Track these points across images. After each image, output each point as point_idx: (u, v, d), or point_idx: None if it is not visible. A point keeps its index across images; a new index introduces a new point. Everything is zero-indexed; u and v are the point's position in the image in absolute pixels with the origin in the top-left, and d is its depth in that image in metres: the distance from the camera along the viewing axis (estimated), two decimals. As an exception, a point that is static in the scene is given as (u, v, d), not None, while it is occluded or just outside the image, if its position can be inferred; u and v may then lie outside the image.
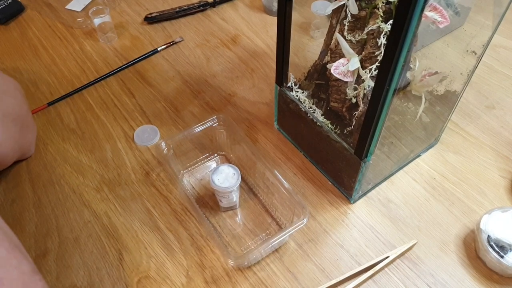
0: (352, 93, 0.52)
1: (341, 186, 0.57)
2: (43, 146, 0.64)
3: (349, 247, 0.53)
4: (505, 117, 0.67)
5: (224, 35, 0.81)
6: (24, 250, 0.41)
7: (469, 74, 0.54)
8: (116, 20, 0.84)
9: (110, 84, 0.72)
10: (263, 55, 0.77)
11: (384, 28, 0.46)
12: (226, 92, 0.71)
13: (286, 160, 0.62)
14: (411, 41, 0.36)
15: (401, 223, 0.55)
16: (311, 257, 0.52)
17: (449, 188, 0.58)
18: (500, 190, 0.58)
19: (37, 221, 0.56)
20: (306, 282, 0.50)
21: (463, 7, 0.51)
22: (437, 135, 0.62)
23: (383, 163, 0.58)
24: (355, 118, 0.53)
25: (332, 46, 0.54)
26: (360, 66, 0.49)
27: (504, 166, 0.61)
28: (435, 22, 0.46)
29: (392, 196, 0.58)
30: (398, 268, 0.51)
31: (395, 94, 0.40)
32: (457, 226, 0.55)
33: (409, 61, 0.51)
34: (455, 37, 0.52)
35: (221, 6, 0.87)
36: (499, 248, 0.49)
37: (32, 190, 0.59)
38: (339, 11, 0.51)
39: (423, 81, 0.54)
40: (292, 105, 0.58)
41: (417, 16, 0.33)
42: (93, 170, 0.61)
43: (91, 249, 0.53)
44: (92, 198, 0.58)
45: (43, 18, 0.85)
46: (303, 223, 0.48)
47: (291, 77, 0.57)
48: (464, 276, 0.50)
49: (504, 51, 0.77)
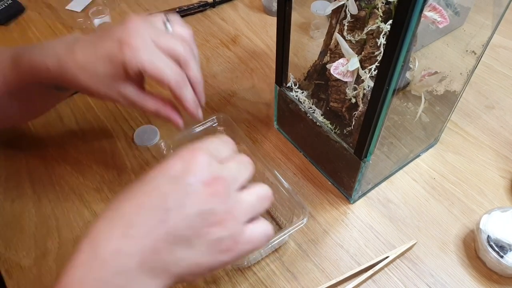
0: (352, 93, 0.52)
1: (341, 186, 0.57)
2: (43, 146, 0.64)
3: (349, 247, 0.53)
4: (505, 117, 0.67)
5: (224, 35, 0.81)
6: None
7: (468, 74, 0.54)
8: (116, 20, 0.84)
9: (110, 84, 0.72)
10: (263, 55, 0.77)
11: (384, 28, 0.46)
12: (226, 92, 0.71)
13: (286, 160, 0.62)
14: (411, 41, 0.36)
15: (401, 223, 0.55)
16: (310, 257, 0.52)
17: (448, 188, 0.58)
18: (500, 190, 0.58)
19: (37, 221, 0.56)
20: (306, 282, 0.50)
21: (462, 7, 0.51)
22: (437, 135, 0.62)
23: (383, 163, 0.58)
24: (355, 118, 0.53)
25: (331, 46, 0.54)
26: (360, 66, 0.49)
27: (504, 166, 0.61)
28: (435, 22, 0.47)
29: (391, 196, 0.58)
30: (397, 268, 0.51)
31: (394, 94, 0.40)
32: (456, 226, 0.55)
33: (409, 61, 0.51)
34: (454, 37, 0.52)
35: (221, 6, 0.87)
36: (498, 248, 0.49)
37: (32, 190, 0.59)
38: (339, 11, 0.51)
39: (423, 81, 0.54)
40: (291, 105, 0.58)
41: (416, 16, 0.33)
42: (93, 170, 0.61)
43: (91, 249, 0.53)
44: (92, 198, 0.58)
45: (43, 18, 0.85)
46: (303, 223, 0.48)
47: (290, 77, 0.57)
48: (464, 276, 0.50)
49: (504, 51, 0.77)
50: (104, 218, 0.34)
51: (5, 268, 0.52)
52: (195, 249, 0.33)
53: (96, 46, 0.43)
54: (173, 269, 0.33)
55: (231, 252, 0.34)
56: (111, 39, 0.42)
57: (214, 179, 0.34)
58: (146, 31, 0.42)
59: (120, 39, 0.41)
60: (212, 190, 0.33)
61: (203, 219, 0.33)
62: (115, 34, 0.42)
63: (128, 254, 0.32)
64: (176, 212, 0.32)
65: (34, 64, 0.46)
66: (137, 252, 0.32)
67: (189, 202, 0.33)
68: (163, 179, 0.34)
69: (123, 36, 0.41)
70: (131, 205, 0.34)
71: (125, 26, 0.42)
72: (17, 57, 0.48)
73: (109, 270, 0.32)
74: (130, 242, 0.32)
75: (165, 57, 0.42)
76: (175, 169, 0.34)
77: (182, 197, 0.33)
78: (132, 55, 0.40)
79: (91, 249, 0.32)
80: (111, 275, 0.32)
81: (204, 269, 0.34)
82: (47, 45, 0.47)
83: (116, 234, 0.32)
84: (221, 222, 0.33)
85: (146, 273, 0.32)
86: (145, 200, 0.33)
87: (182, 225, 0.32)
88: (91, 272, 0.31)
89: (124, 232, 0.32)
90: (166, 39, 0.42)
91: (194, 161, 0.34)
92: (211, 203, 0.33)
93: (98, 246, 0.32)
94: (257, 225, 0.36)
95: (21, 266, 0.52)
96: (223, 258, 0.34)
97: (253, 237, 0.35)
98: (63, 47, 0.45)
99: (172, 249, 0.33)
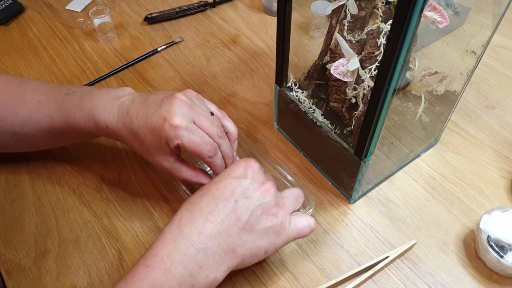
0: (352, 93, 0.52)
1: (341, 186, 0.57)
2: (43, 146, 0.64)
3: (349, 247, 0.53)
4: (505, 117, 0.67)
5: (224, 35, 0.81)
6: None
7: (468, 74, 0.54)
8: (116, 20, 0.84)
9: (110, 84, 0.72)
10: (263, 55, 0.77)
11: (384, 28, 0.46)
12: (226, 92, 0.71)
13: (286, 160, 0.62)
14: (411, 41, 0.36)
15: (401, 223, 0.55)
16: (311, 257, 0.52)
17: (449, 188, 0.58)
18: (500, 190, 0.58)
19: (37, 221, 0.56)
20: (306, 282, 0.50)
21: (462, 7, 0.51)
22: (437, 135, 0.62)
23: (383, 163, 0.58)
24: (355, 118, 0.53)
25: (331, 46, 0.54)
26: (360, 66, 0.49)
27: (504, 166, 0.61)
28: (435, 22, 0.46)
29: (392, 196, 0.58)
30: (398, 268, 0.51)
31: (394, 94, 0.40)
32: (457, 226, 0.55)
33: (409, 61, 0.51)
34: (454, 37, 0.52)
35: (221, 6, 0.87)
36: (498, 248, 0.49)
37: (32, 190, 0.59)
38: (339, 11, 0.51)
39: (423, 81, 0.54)
40: (292, 105, 0.58)
41: (416, 16, 0.33)
42: (93, 170, 0.61)
43: (91, 249, 0.53)
44: (92, 198, 0.58)
45: (43, 18, 0.85)
46: (309, 213, 0.50)
47: (291, 77, 0.57)
48: (464, 276, 0.50)
49: (504, 51, 0.77)
50: (186, 209, 0.43)
51: (5, 268, 0.52)
52: (256, 234, 0.43)
53: (147, 117, 0.48)
54: (239, 251, 0.42)
55: (282, 236, 0.44)
56: (158, 115, 0.47)
57: (266, 179, 0.45)
58: (189, 110, 0.47)
59: (165, 118, 0.46)
60: (265, 187, 0.44)
61: (262, 209, 0.43)
62: (163, 110, 0.47)
63: (209, 235, 0.41)
64: (243, 203, 0.43)
65: (93, 120, 0.50)
66: (216, 234, 0.41)
67: (251, 195, 0.43)
68: (229, 179, 0.44)
69: (168, 116, 0.46)
70: (208, 199, 0.43)
71: (172, 104, 0.47)
72: (70, 104, 0.51)
73: (194, 247, 0.40)
74: (211, 226, 0.41)
75: (202, 133, 0.48)
76: (237, 172, 0.45)
77: (246, 192, 0.43)
78: (173, 133, 0.46)
79: (178, 230, 0.41)
80: (195, 251, 0.40)
81: (262, 251, 0.44)
82: (102, 100, 0.50)
83: (199, 220, 0.42)
84: (274, 212, 0.44)
85: (220, 252, 0.41)
86: (218, 195, 0.43)
87: (247, 213, 0.43)
88: (178, 247, 0.40)
89: (205, 218, 0.42)
90: (204, 121, 0.48)
91: (250, 167, 0.46)
92: (266, 197, 0.44)
93: (184, 229, 0.41)
94: (301, 218, 0.46)
95: (21, 266, 0.52)
96: (276, 241, 0.44)
97: (298, 225, 0.46)
98: (121, 108, 0.49)
99: (240, 233, 0.42)
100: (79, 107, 0.50)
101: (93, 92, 0.52)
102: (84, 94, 0.51)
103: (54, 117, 0.52)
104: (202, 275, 0.41)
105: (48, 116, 0.52)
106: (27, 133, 0.53)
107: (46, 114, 0.52)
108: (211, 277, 0.41)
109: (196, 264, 0.40)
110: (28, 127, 0.53)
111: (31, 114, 0.52)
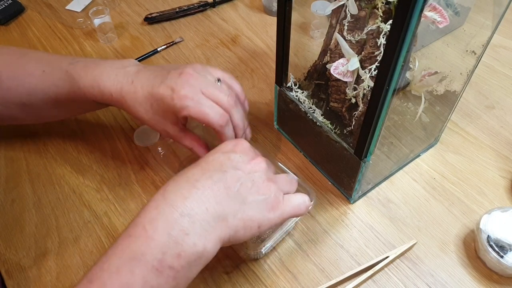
0: (352, 93, 0.52)
1: (341, 186, 0.57)
2: (43, 146, 0.64)
3: (349, 247, 0.53)
4: (505, 117, 0.67)
5: (224, 35, 0.81)
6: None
7: (468, 74, 0.54)
8: (116, 20, 0.84)
9: (110, 84, 0.72)
10: (263, 55, 0.77)
11: (384, 28, 0.46)
12: (226, 92, 0.71)
13: (286, 160, 0.62)
14: (411, 41, 0.36)
15: (401, 223, 0.55)
16: (311, 257, 0.52)
17: (449, 188, 0.58)
18: (500, 190, 0.58)
19: (37, 221, 0.56)
20: (306, 282, 0.50)
21: (462, 7, 0.51)
22: (437, 135, 0.62)
23: (383, 163, 0.58)
24: (355, 118, 0.53)
25: (331, 46, 0.54)
26: (360, 66, 0.49)
27: (504, 166, 0.61)
28: (435, 22, 0.46)
29: (392, 196, 0.58)
30: (398, 268, 0.51)
31: (394, 94, 0.40)
32: (457, 226, 0.55)
33: (409, 61, 0.51)
34: (454, 37, 0.52)
35: (221, 6, 0.87)
36: (498, 248, 0.49)
37: (32, 190, 0.59)
38: (339, 11, 0.51)
39: (423, 81, 0.54)
40: (292, 105, 0.58)
41: (416, 16, 0.33)
42: (93, 170, 0.61)
43: (91, 249, 0.53)
44: (92, 198, 0.58)
45: (43, 18, 0.85)
46: (311, 205, 0.49)
47: (291, 77, 0.57)
48: (464, 276, 0.50)
49: (504, 51, 0.77)
50: (173, 179, 0.41)
51: (5, 268, 0.52)
52: (248, 205, 0.41)
53: (152, 87, 0.48)
54: (231, 220, 0.40)
55: (276, 211, 0.43)
56: (165, 85, 0.48)
57: (256, 155, 0.45)
58: (197, 81, 0.48)
59: (173, 88, 0.47)
60: (256, 161, 0.44)
61: (252, 181, 0.42)
62: (170, 81, 0.48)
63: (195, 200, 0.39)
64: (232, 174, 0.42)
65: (97, 87, 0.50)
66: (203, 200, 0.39)
67: (241, 167, 0.42)
68: (218, 154, 0.44)
69: (175, 86, 0.47)
70: (196, 170, 0.42)
71: (180, 76, 0.48)
72: (75, 73, 0.52)
73: (178, 211, 0.38)
74: (197, 192, 0.40)
75: (210, 102, 0.48)
76: (226, 148, 0.44)
77: (235, 164, 0.42)
78: (180, 104, 0.46)
79: (162, 197, 0.40)
80: (179, 216, 0.38)
81: (255, 224, 0.41)
82: (107, 69, 0.51)
83: (184, 186, 0.40)
84: (266, 185, 0.43)
85: (209, 219, 0.39)
86: (207, 167, 0.42)
87: (237, 184, 0.41)
88: (161, 214, 0.38)
89: (192, 184, 0.40)
90: (213, 90, 0.48)
91: (240, 143, 0.45)
92: (257, 171, 0.43)
93: (168, 195, 0.39)
94: (295, 195, 0.45)
95: (21, 266, 0.52)
96: (270, 216, 0.42)
97: (293, 201, 0.44)
98: (125, 77, 0.50)
99: (230, 201, 0.40)
100: (84, 75, 0.51)
101: (98, 61, 0.53)
102: (89, 63, 0.52)
103: (59, 86, 0.52)
104: (189, 243, 0.37)
105: (54, 85, 0.53)
106: (34, 104, 0.54)
107: (52, 84, 0.53)
108: (199, 245, 0.38)
109: (181, 231, 0.38)
110: (35, 97, 0.54)
111: (37, 84, 0.53)
